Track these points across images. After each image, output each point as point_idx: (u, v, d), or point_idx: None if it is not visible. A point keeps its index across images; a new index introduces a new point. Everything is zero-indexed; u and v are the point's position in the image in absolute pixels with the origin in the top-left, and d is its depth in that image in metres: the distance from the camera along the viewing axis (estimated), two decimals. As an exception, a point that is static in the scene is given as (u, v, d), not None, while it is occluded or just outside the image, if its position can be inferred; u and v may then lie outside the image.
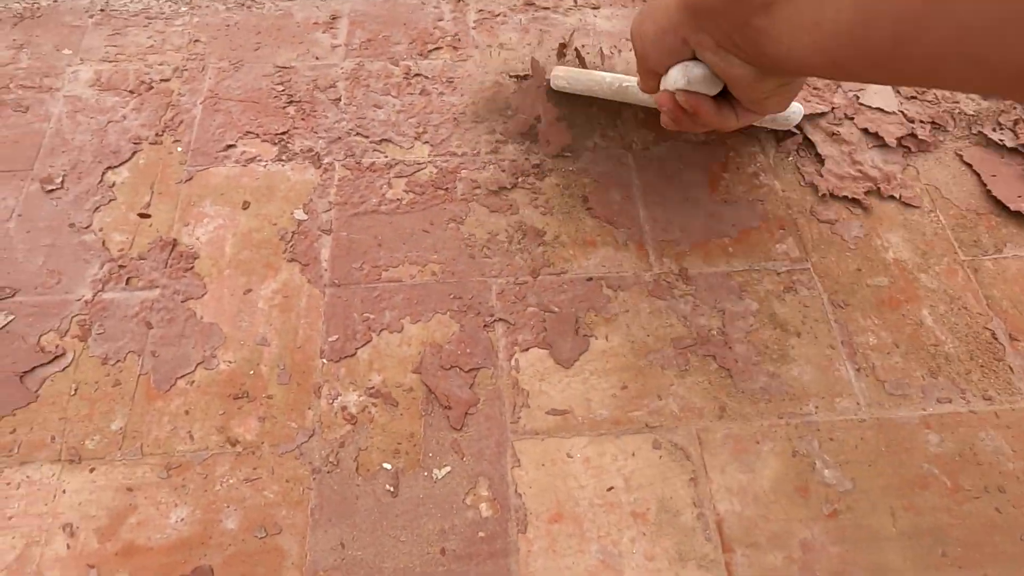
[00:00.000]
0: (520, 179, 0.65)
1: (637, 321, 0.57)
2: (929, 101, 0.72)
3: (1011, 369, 0.56)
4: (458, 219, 0.62)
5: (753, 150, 0.68)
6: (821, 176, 0.66)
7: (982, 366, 0.56)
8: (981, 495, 0.50)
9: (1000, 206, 0.64)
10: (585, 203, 0.64)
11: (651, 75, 0.53)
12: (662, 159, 0.67)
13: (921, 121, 0.70)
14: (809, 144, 0.68)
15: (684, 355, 0.55)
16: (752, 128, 0.68)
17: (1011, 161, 0.67)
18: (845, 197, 0.65)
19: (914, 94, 0.72)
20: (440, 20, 0.77)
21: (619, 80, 0.62)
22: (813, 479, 0.50)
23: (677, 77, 0.48)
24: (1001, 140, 0.68)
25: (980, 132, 0.69)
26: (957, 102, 0.71)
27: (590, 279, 0.59)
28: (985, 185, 0.66)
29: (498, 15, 0.78)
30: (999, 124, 0.70)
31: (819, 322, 0.58)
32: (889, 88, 0.72)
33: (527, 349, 0.55)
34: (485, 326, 0.56)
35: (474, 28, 0.77)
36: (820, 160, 0.67)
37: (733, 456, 0.51)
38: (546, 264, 0.60)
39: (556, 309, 0.57)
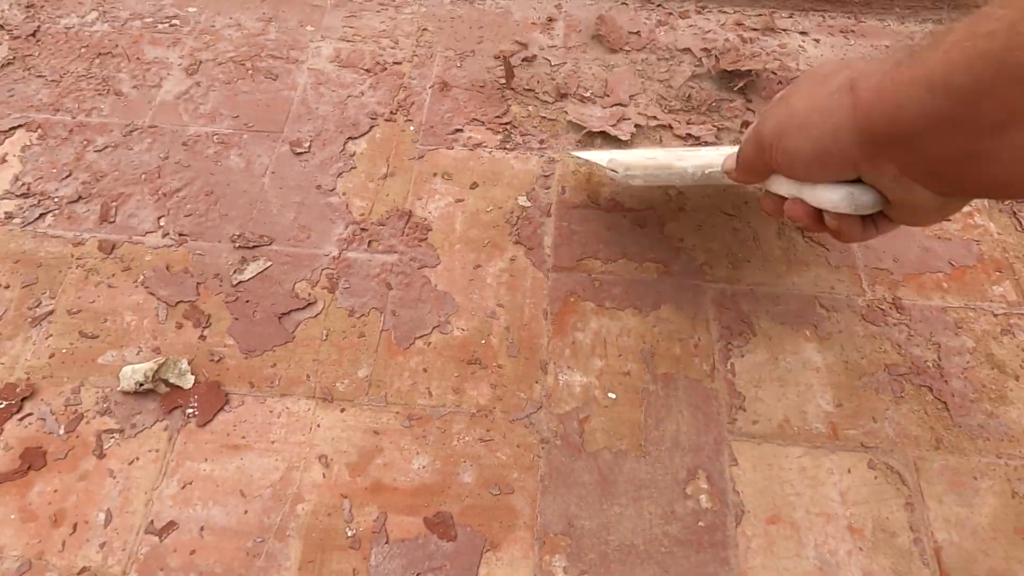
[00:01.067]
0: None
1: (852, 342, 0.58)
2: None
3: None
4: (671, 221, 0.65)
5: (967, 190, 0.68)
6: (1041, 223, 0.65)
7: None
8: None
9: None
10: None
11: (763, 176, 0.48)
12: (874, 188, 0.68)
13: None
14: (1028, 190, 0.68)
15: (899, 382, 0.56)
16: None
17: None
18: (1066, 247, 0.64)
19: None
20: (639, 25, 0.80)
21: (700, 168, 0.54)
22: (1034, 522, 0.50)
23: (838, 202, 0.41)
24: None
25: None
26: None
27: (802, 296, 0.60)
28: None
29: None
30: None
31: (1038, 368, 0.57)
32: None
33: (743, 355, 0.57)
34: (700, 327, 0.58)
35: (659, 27, 0.79)
36: (1040, 207, 0.66)
37: (950, 488, 0.52)
38: (762, 276, 0.61)
39: (770, 319, 0.59)
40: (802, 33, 0.81)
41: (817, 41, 0.80)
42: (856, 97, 0.37)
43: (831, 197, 0.41)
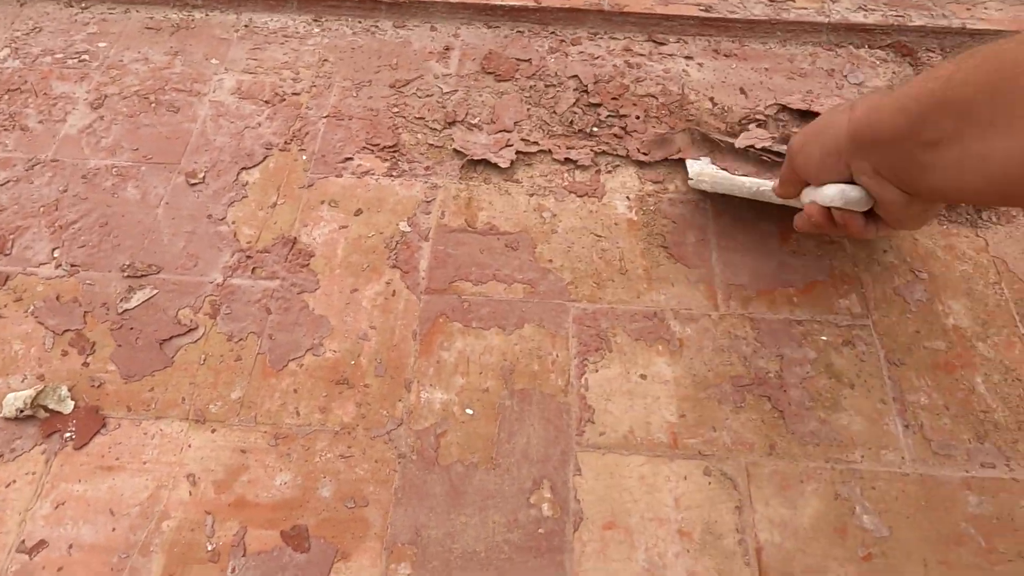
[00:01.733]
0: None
1: (700, 357, 0.62)
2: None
3: (1059, 444, 0.58)
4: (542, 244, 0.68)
5: (827, 207, 0.72)
6: (889, 240, 0.69)
7: (1030, 437, 0.58)
8: (1015, 559, 0.53)
9: (1067, 285, 0.67)
10: (663, 242, 0.69)
11: (795, 186, 0.59)
12: (739, 208, 0.72)
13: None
14: (882, 207, 0.72)
15: (741, 393, 0.60)
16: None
17: (1083, 243, 0.69)
18: (907, 261, 0.68)
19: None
20: (532, 52, 0.84)
21: (756, 184, 0.66)
22: (852, 522, 0.54)
23: (834, 196, 0.54)
24: (1076, 221, 0.70)
25: (1055, 211, 0.72)
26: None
27: (655, 313, 0.64)
28: (1054, 263, 0.68)
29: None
30: (1076, 205, 0.72)
31: (873, 377, 0.61)
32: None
33: (598, 370, 0.61)
34: (559, 344, 0.62)
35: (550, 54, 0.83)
36: (891, 223, 0.70)
37: (778, 491, 0.55)
38: (624, 295, 0.65)
39: (627, 336, 0.63)
40: (687, 57, 0.85)
41: (701, 65, 0.84)
42: (852, 113, 0.50)
43: (829, 192, 0.54)
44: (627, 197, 0.72)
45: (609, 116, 0.78)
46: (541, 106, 0.79)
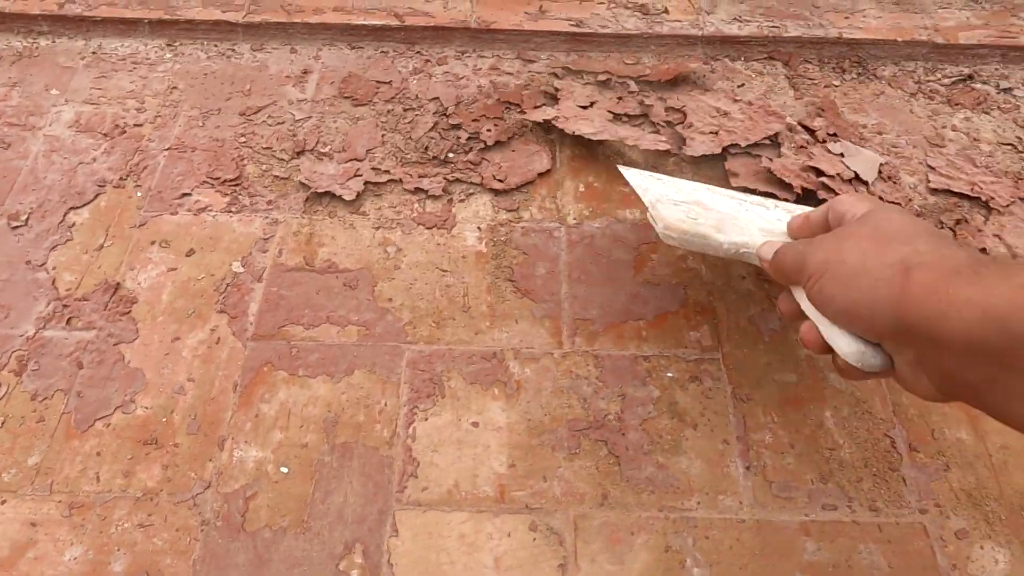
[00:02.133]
0: (451, 247, 0.67)
1: (538, 399, 0.59)
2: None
3: (904, 480, 0.56)
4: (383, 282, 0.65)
5: (686, 232, 0.69)
6: (747, 266, 0.67)
7: (875, 475, 0.56)
8: (849, 609, 0.50)
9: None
10: (510, 275, 0.66)
11: (792, 284, 0.49)
12: (593, 235, 0.69)
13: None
14: (742, 230, 0.69)
15: (576, 438, 0.57)
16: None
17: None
18: (765, 287, 0.65)
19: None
20: (393, 74, 0.81)
21: (736, 247, 0.55)
22: (680, 577, 0.51)
23: (848, 354, 0.43)
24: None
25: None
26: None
27: (495, 354, 0.61)
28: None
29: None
30: (940, 223, 0.69)
31: (718, 415, 0.58)
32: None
33: (427, 418, 0.58)
34: (390, 391, 0.59)
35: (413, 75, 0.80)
36: (749, 248, 0.68)
37: (606, 546, 0.52)
38: (464, 334, 0.62)
39: (462, 379, 0.59)
40: (553, 74, 0.82)
41: (572, 92, 0.81)
42: (907, 284, 0.37)
43: (844, 348, 0.43)
44: (478, 228, 0.69)
45: (469, 139, 0.75)
46: (397, 131, 0.76)
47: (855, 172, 0.71)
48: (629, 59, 0.83)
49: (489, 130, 0.75)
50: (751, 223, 0.57)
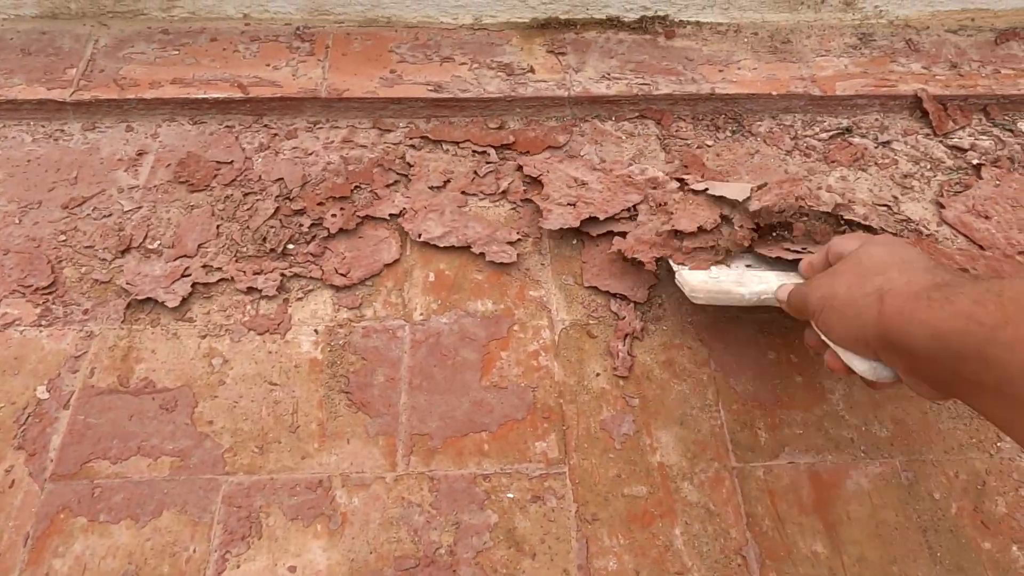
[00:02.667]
0: (281, 356, 0.62)
1: (364, 534, 0.54)
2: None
3: (754, 607, 0.52)
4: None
5: (540, 324, 0.65)
6: (603, 361, 0.62)
7: (723, 601, 0.52)
8: None
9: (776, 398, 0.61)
10: (345, 385, 0.61)
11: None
12: (440, 333, 0.64)
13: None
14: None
15: (403, 579, 0.52)
16: (547, 299, 0.65)
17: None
18: (620, 385, 0.61)
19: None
20: (236, 153, 0.75)
21: (757, 295, 0.59)
22: None
23: (864, 371, 0.48)
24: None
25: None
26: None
27: (321, 482, 0.56)
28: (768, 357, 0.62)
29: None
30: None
31: (560, 541, 0.54)
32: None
33: (240, 565, 0.52)
34: (200, 534, 0.53)
35: (257, 156, 0.74)
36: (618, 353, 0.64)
37: None
38: (289, 460, 0.57)
39: (282, 514, 0.54)
40: (412, 146, 0.77)
41: (426, 168, 0.76)
42: (882, 308, 0.44)
43: (859, 367, 0.48)
44: (315, 331, 0.64)
45: (312, 226, 0.69)
46: (235, 220, 0.70)
47: (722, 194, 0.66)
48: (493, 123, 0.79)
49: (334, 215, 0.70)
50: (769, 272, 0.62)
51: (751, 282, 0.60)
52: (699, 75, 0.81)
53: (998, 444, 0.60)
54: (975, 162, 0.78)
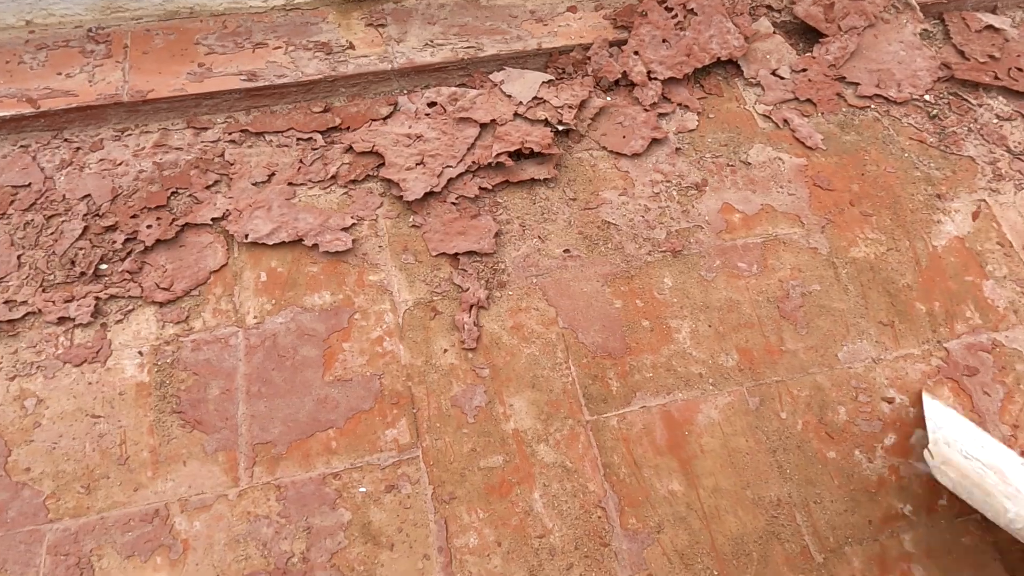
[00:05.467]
0: (102, 386, 0.57)
1: (209, 558, 0.51)
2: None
3: (616, 555, 0.52)
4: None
5: (382, 308, 0.62)
6: (451, 338, 0.61)
7: (586, 556, 0.52)
8: None
9: (626, 343, 0.61)
10: (177, 405, 0.57)
11: None
12: (276, 334, 0.61)
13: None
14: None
15: (255, 597, 0.50)
16: (388, 282, 0.63)
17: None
18: (469, 358, 0.60)
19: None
20: (35, 174, 0.68)
21: (1023, 519, 0.47)
22: None
23: None
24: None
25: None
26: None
27: (157, 511, 0.52)
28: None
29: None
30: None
31: (418, 527, 0.53)
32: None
33: (73, 617, 0.48)
34: (24, 595, 0.49)
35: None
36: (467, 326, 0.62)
37: None
38: (120, 494, 0.53)
39: (117, 553, 0.50)
40: (233, 142, 0.72)
41: (248, 164, 0.72)
42: None
43: None
44: (139, 352, 0.59)
45: (127, 241, 0.64)
46: (38, 247, 0.64)
47: (510, 95, 0.70)
48: (317, 107, 0.75)
49: (150, 227, 0.65)
50: None
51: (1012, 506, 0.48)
52: (524, 31, 0.80)
53: (838, 355, 0.61)
54: None
